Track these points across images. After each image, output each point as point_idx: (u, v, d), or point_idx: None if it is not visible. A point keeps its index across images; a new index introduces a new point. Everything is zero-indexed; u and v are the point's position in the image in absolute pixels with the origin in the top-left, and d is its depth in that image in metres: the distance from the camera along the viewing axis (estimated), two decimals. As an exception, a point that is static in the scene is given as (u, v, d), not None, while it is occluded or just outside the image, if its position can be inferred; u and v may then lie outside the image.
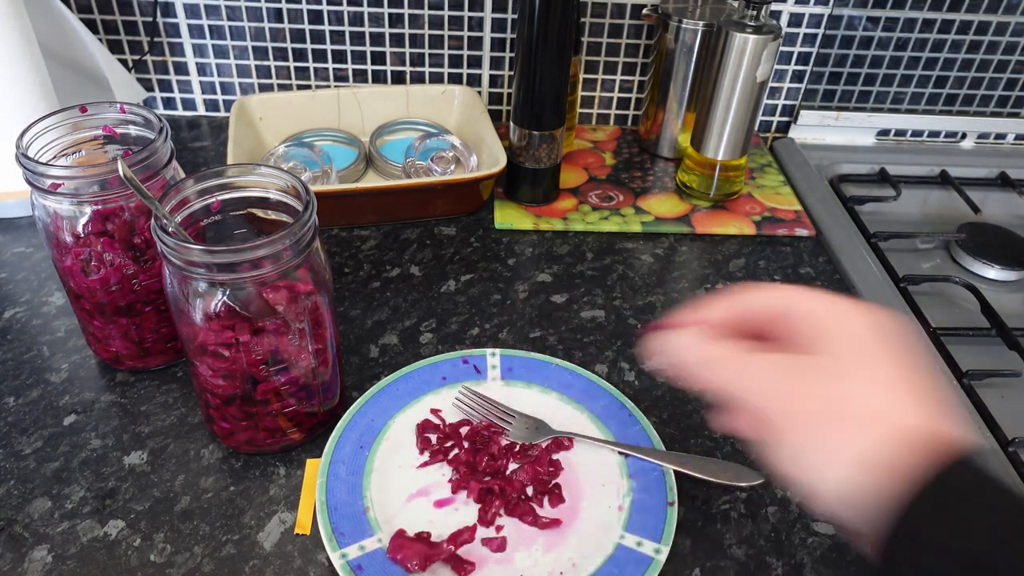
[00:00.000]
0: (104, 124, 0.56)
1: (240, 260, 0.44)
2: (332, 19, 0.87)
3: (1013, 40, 0.91)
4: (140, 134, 0.57)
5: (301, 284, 0.48)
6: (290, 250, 0.46)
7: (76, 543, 0.49)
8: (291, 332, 0.48)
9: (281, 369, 0.49)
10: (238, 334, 0.47)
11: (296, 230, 0.46)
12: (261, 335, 0.47)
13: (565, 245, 0.77)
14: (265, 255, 0.45)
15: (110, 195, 0.52)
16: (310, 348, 0.50)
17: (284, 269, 0.46)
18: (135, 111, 0.56)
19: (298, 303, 0.48)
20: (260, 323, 0.47)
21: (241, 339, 0.47)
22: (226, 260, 0.44)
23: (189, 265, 0.45)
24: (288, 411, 0.52)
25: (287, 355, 0.49)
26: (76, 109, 0.55)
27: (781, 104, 0.96)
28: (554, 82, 0.73)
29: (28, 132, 0.53)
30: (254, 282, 0.46)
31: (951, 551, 0.31)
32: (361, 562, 0.47)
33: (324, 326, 0.51)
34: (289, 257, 0.46)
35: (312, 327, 0.50)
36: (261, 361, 0.48)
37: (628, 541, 0.49)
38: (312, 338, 0.50)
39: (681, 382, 0.40)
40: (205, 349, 0.48)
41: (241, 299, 0.46)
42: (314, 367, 0.51)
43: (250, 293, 0.47)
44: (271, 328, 0.47)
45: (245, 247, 0.44)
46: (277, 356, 0.49)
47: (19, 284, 0.67)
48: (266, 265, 0.45)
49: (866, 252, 0.78)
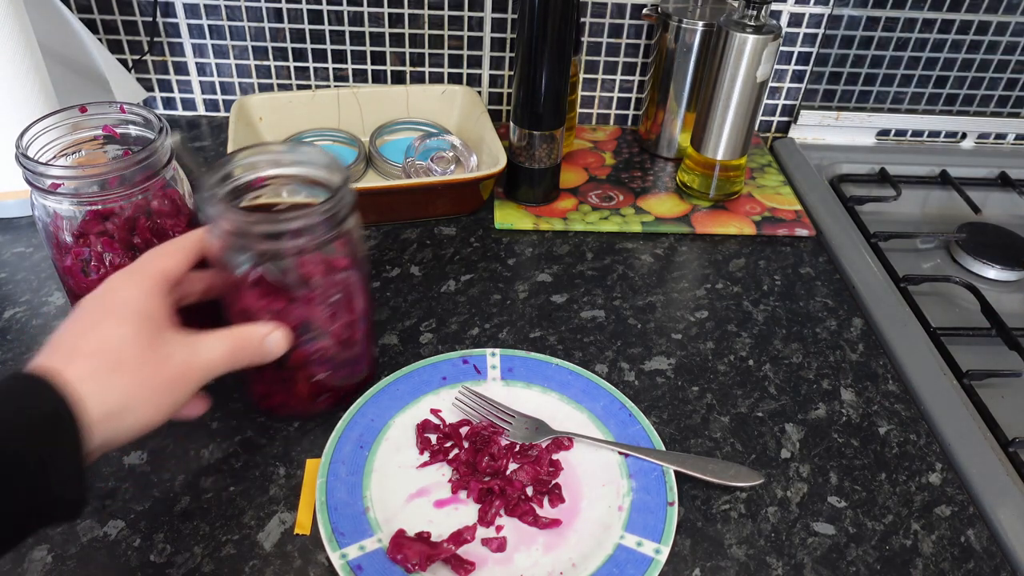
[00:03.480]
0: (104, 124, 0.56)
1: (280, 230, 0.46)
2: (332, 19, 0.87)
3: (1013, 40, 0.91)
4: (140, 134, 0.57)
5: (336, 259, 0.50)
6: (326, 223, 0.47)
7: (76, 543, 0.49)
8: (324, 304, 0.51)
9: (313, 338, 0.52)
10: (275, 302, 0.49)
11: (333, 203, 0.47)
12: (296, 304, 0.50)
13: (565, 245, 0.77)
14: (303, 226, 0.47)
15: (110, 195, 0.52)
16: (342, 321, 0.52)
17: (320, 242, 0.48)
18: (135, 111, 0.56)
19: (332, 277, 0.50)
20: (295, 293, 0.49)
21: (277, 307, 0.49)
22: (267, 230, 0.46)
23: (233, 234, 0.47)
24: (318, 379, 0.54)
25: (319, 326, 0.51)
26: (76, 109, 0.55)
27: (781, 104, 0.96)
28: (554, 82, 0.73)
29: (28, 132, 0.53)
30: (292, 252, 0.48)
31: None
32: (361, 562, 0.47)
33: (356, 301, 0.53)
34: (325, 230, 0.48)
35: (345, 301, 0.52)
36: (294, 329, 0.50)
37: (628, 541, 0.49)
38: (344, 311, 0.52)
39: None
40: (244, 314, 0.50)
41: (279, 269, 0.49)
42: (345, 339, 0.53)
43: (287, 264, 0.49)
44: (305, 299, 0.50)
45: (285, 217, 0.46)
46: (310, 326, 0.51)
47: (19, 284, 0.67)
48: (303, 236, 0.47)
49: (866, 252, 0.78)
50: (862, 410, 0.61)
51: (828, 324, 0.69)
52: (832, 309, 0.71)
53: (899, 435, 0.60)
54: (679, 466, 0.53)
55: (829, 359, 0.66)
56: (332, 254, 0.50)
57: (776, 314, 0.70)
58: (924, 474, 0.57)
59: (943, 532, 0.53)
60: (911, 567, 0.51)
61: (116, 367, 0.41)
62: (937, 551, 0.52)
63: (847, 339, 0.68)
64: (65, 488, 0.38)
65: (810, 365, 0.65)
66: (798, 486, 0.55)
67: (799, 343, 0.67)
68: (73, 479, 0.38)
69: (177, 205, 0.57)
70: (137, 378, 0.42)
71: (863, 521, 0.53)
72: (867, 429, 0.60)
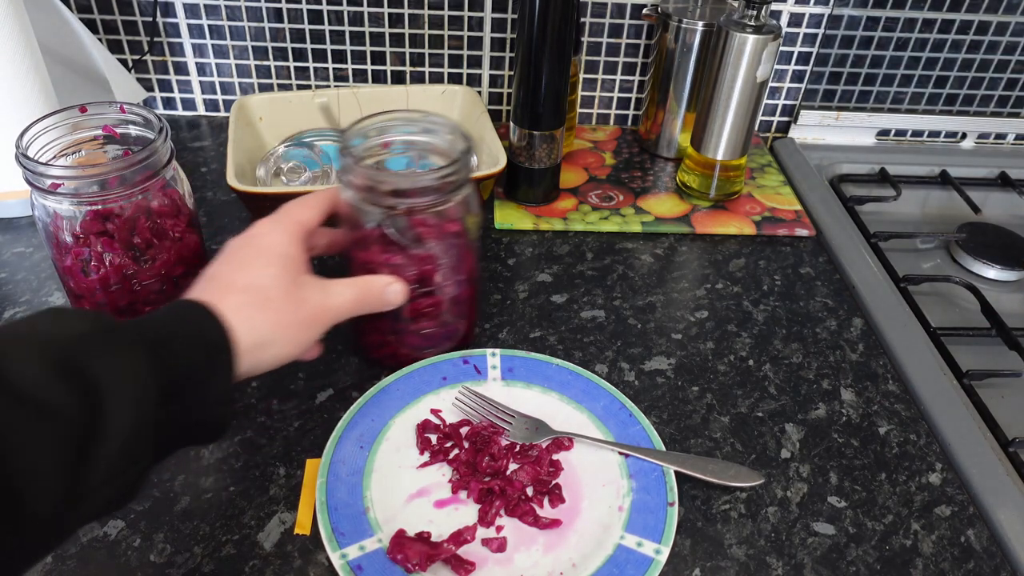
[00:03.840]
0: (104, 124, 0.56)
1: (403, 187, 0.51)
2: (332, 19, 0.87)
3: (1013, 40, 0.91)
4: (140, 134, 0.57)
5: (450, 223, 0.55)
6: (443, 188, 0.52)
7: (76, 543, 0.49)
8: (439, 262, 0.55)
9: (427, 293, 0.56)
10: (394, 257, 0.54)
11: (451, 170, 0.52)
12: (412, 261, 0.54)
13: (565, 245, 0.77)
14: (423, 186, 0.51)
15: (110, 195, 0.52)
16: (454, 279, 0.57)
17: (436, 204, 0.52)
18: (135, 111, 0.56)
19: (446, 239, 0.55)
20: (412, 251, 0.54)
21: (396, 262, 0.54)
22: (391, 187, 0.51)
23: (362, 190, 0.52)
24: (426, 332, 0.59)
25: (434, 281, 0.56)
26: (76, 109, 0.55)
27: (781, 104, 0.96)
28: (554, 82, 0.73)
29: (28, 132, 0.53)
30: (412, 211, 0.52)
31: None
32: (361, 562, 0.47)
33: (467, 262, 0.58)
34: (441, 194, 0.52)
35: (457, 262, 0.56)
36: (412, 282, 0.55)
37: (628, 541, 0.49)
38: (456, 271, 0.57)
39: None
40: (366, 267, 0.55)
41: (399, 227, 0.53)
42: (455, 295, 0.58)
43: (406, 223, 0.53)
44: (421, 257, 0.54)
45: (408, 177, 0.52)
46: (425, 281, 0.56)
47: (19, 284, 0.67)
48: (421, 197, 0.52)
49: (866, 252, 0.78)
50: (862, 410, 0.61)
51: (828, 324, 0.69)
52: (832, 309, 0.71)
53: (899, 435, 0.60)
54: (679, 466, 0.53)
55: (829, 359, 0.66)
56: (447, 218, 0.54)
57: (776, 314, 0.70)
58: (924, 474, 0.57)
59: (943, 532, 0.53)
60: (911, 567, 0.51)
61: (264, 303, 0.45)
62: (937, 551, 0.52)
63: (847, 339, 0.68)
64: (215, 410, 0.42)
65: (810, 365, 0.65)
66: (798, 486, 0.55)
67: (799, 343, 0.67)
68: (224, 402, 0.42)
69: (177, 205, 0.57)
70: (281, 315, 0.46)
71: (863, 521, 0.53)
72: (867, 429, 0.60)
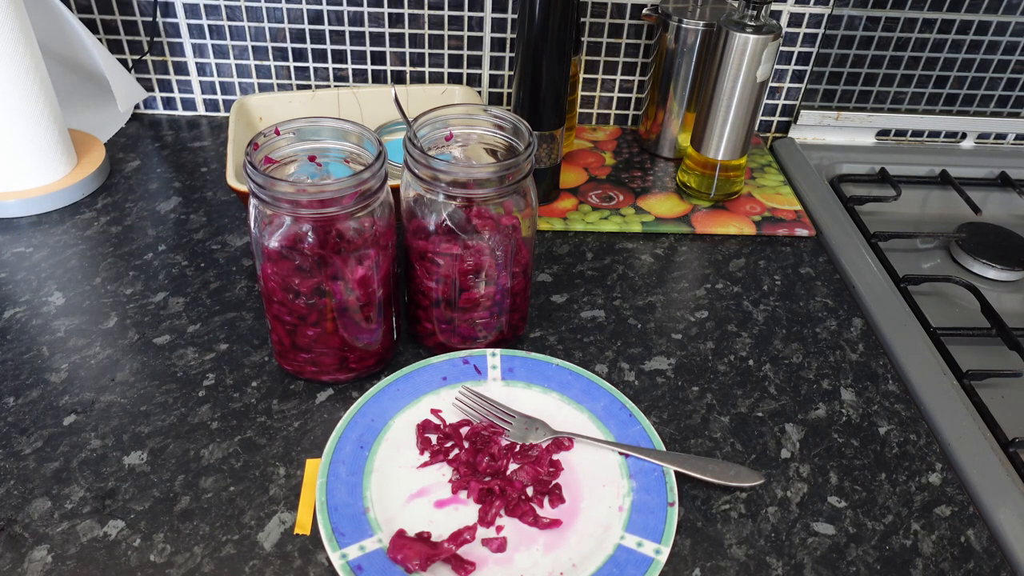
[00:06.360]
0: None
1: (462, 179, 0.53)
2: (332, 19, 0.87)
3: (1013, 40, 0.91)
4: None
5: (507, 217, 0.56)
6: (500, 182, 0.54)
7: (76, 543, 0.49)
8: (494, 254, 0.57)
9: (482, 284, 0.58)
10: (453, 247, 0.56)
11: (509, 166, 0.53)
12: (470, 251, 0.56)
13: (565, 245, 0.77)
14: (481, 178, 0.53)
15: (327, 211, 0.51)
16: (509, 271, 0.59)
17: (494, 197, 0.54)
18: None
19: (501, 232, 0.56)
20: (470, 242, 0.56)
21: (454, 251, 0.56)
22: (451, 178, 0.53)
23: (424, 181, 0.54)
24: (479, 322, 0.60)
25: (489, 272, 0.58)
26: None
27: (781, 104, 0.96)
28: (554, 82, 0.73)
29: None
30: (471, 202, 0.54)
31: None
32: (361, 562, 0.47)
33: (522, 255, 0.59)
34: (499, 188, 0.54)
35: (512, 256, 0.58)
36: (468, 272, 0.57)
37: (628, 541, 0.49)
38: (510, 265, 0.58)
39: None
40: (424, 255, 0.57)
41: (457, 220, 0.55)
42: (509, 287, 0.59)
43: (464, 216, 0.55)
44: (478, 248, 0.56)
45: (467, 170, 0.53)
46: (481, 271, 0.57)
47: (19, 284, 0.67)
48: (480, 189, 0.54)
49: (866, 252, 0.78)
50: (862, 410, 0.61)
51: (828, 324, 0.69)
52: (832, 309, 0.71)
53: (899, 435, 0.60)
54: (679, 466, 0.53)
55: (829, 359, 0.66)
56: (504, 211, 0.56)
57: (776, 314, 0.70)
58: (924, 474, 0.57)
59: (943, 532, 0.53)
60: (911, 567, 0.51)
61: None
62: (937, 551, 0.52)
63: (847, 339, 0.68)
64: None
65: (810, 365, 0.65)
66: (798, 486, 0.55)
67: (799, 343, 0.67)
68: None
69: (379, 231, 0.55)
70: None
71: (863, 521, 0.53)
72: (867, 429, 0.60)
